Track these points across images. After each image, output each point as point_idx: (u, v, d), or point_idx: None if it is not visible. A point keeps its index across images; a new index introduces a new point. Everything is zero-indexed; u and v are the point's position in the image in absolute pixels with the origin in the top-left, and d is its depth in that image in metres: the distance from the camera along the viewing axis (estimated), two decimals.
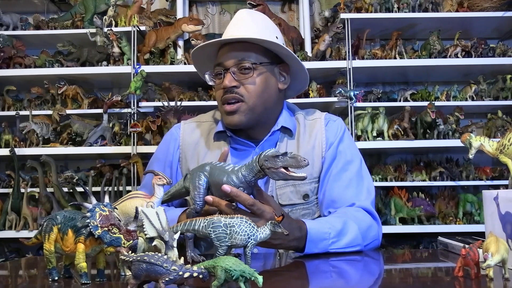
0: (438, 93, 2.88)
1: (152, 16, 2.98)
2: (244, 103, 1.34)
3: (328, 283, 0.92)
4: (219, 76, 1.37)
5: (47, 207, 2.75)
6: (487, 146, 1.05)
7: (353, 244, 1.23)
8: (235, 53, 1.35)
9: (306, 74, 1.44)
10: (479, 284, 0.81)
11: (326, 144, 1.40)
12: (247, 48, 1.35)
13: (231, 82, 1.33)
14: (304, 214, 1.38)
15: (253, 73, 1.34)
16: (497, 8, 2.82)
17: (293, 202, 1.36)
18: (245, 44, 1.35)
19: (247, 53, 1.34)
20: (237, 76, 1.34)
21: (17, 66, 2.89)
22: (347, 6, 2.84)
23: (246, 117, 1.35)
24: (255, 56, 1.35)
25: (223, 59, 1.36)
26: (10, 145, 2.79)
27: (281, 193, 1.36)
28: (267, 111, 1.39)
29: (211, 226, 0.91)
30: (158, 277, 0.71)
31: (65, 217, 0.85)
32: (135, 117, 2.79)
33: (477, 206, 2.70)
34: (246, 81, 1.34)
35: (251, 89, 1.34)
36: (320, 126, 1.43)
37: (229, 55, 1.35)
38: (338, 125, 1.45)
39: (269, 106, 1.39)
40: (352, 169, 1.39)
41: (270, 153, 1.00)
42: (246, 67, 1.33)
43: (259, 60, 1.35)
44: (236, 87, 1.33)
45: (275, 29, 1.46)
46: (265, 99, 1.37)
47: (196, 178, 1.06)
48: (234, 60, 1.34)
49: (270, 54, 1.38)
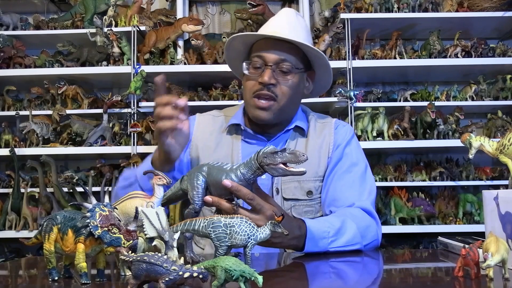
0: (438, 93, 2.88)
1: (152, 16, 2.98)
2: (276, 103, 1.38)
3: (328, 283, 0.92)
4: (258, 69, 1.39)
5: (47, 207, 2.75)
6: (487, 146, 1.05)
7: (352, 242, 1.24)
8: (279, 51, 1.37)
9: (329, 83, 1.52)
10: (479, 284, 0.81)
11: (334, 145, 1.45)
12: (290, 50, 1.38)
13: (270, 79, 1.36)
14: (307, 211, 1.40)
15: (291, 76, 1.38)
16: (497, 8, 2.82)
17: (297, 197, 1.40)
18: (290, 45, 1.38)
19: (289, 55, 1.38)
20: (276, 74, 1.37)
21: (17, 66, 2.89)
22: (347, 6, 2.84)
23: (274, 116, 1.40)
24: (295, 60, 1.39)
25: (265, 53, 1.38)
26: (10, 145, 2.79)
27: (285, 187, 1.40)
28: (290, 113, 1.45)
29: (211, 226, 0.91)
30: (158, 277, 0.71)
31: (65, 217, 0.85)
32: (135, 117, 2.79)
33: (477, 206, 2.70)
34: (283, 82, 1.38)
35: (285, 91, 1.38)
36: (330, 129, 1.48)
37: (273, 52, 1.37)
38: (347, 130, 1.50)
39: (293, 108, 1.46)
40: (356, 172, 1.42)
41: (269, 149, 1.00)
42: (286, 68, 1.37)
43: (297, 65, 1.40)
44: (273, 85, 1.37)
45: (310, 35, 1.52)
46: (293, 102, 1.43)
47: (194, 178, 1.06)
48: (276, 57, 1.37)
49: (305, 60, 1.43)
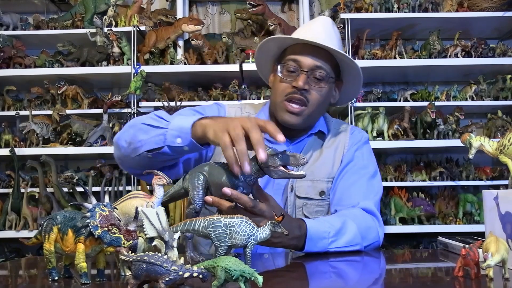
0: (438, 93, 2.88)
1: (152, 16, 2.98)
2: (307, 108, 1.39)
3: (328, 283, 0.92)
4: (291, 73, 1.39)
5: (47, 207, 2.75)
6: (487, 146, 1.05)
7: (352, 243, 1.24)
8: (315, 57, 1.38)
9: (356, 95, 1.56)
10: (479, 284, 0.81)
11: (347, 148, 1.48)
12: (326, 58, 1.39)
13: (305, 84, 1.37)
14: (318, 211, 1.42)
15: (324, 84, 1.39)
16: (497, 8, 2.82)
17: (309, 196, 1.41)
18: (325, 53, 1.39)
19: (325, 63, 1.39)
20: (309, 80, 1.38)
21: (17, 66, 2.90)
22: (347, 6, 2.84)
23: (303, 121, 1.41)
24: (329, 69, 1.40)
25: (301, 58, 1.38)
26: (10, 145, 2.79)
27: (298, 185, 1.41)
28: (316, 119, 1.48)
29: (211, 226, 0.91)
30: (158, 277, 0.71)
31: (65, 217, 0.85)
32: (135, 117, 2.79)
33: (477, 206, 2.70)
34: (315, 89, 1.39)
35: (317, 98, 1.40)
36: (346, 133, 1.52)
37: (309, 57, 1.38)
38: (362, 135, 1.53)
39: (319, 115, 1.49)
40: (364, 174, 1.44)
41: (269, 152, 1.00)
42: (320, 75, 1.38)
43: (330, 74, 1.41)
44: (306, 91, 1.38)
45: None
46: (321, 109, 1.46)
47: (195, 178, 1.06)
48: (312, 64, 1.38)
49: (337, 70, 1.45)
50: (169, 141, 1.15)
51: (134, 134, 1.22)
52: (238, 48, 2.90)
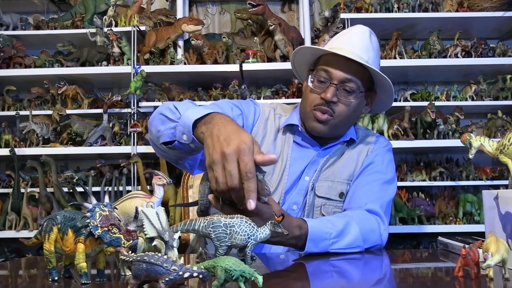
0: (438, 93, 2.88)
1: (152, 16, 2.98)
2: (333, 119, 1.40)
3: (329, 283, 0.92)
4: (322, 83, 1.39)
5: (47, 207, 2.75)
6: (487, 146, 1.05)
7: (354, 245, 1.24)
8: (346, 70, 1.37)
9: (388, 106, 1.54)
10: (479, 284, 0.81)
11: (369, 152, 1.49)
12: (357, 71, 1.38)
13: (333, 97, 1.37)
14: (335, 212, 1.42)
15: (353, 97, 1.39)
16: (497, 8, 2.82)
17: (329, 197, 1.42)
18: (357, 66, 1.38)
19: (355, 76, 1.38)
20: (339, 93, 1.38)
21: (17, 66, 2.90)
22: (347, 6, 2.84)
23: (330, 130, 1.43)
24: (360, 83, 1.40)
25: (332, 69, 1.38)
26: (10, 145, 2.79)
27: (320, 185, 1.42)
28: (346, 129, 1.49)
29: (211, 226, 0.91)
30: (158, 277, 0.71)
31: (65, 217, 0.85)
32: (135, 117, 2.79)
33: (477, 206, 2.70)
34: (344, 101, 1.39)
35: (344, 111, 1.40)
36: (371, 139, 1.53)
37: (340, 69, 1.37)
38: (386, 144, 1.55)
39: (349, 125, 1.50)
40: (380, 179, 1.44)
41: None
42: (350, 88, 1.38)
43: (361, 88, 1.40)
44: (334, 103, 1.38)
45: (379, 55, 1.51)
46: (349, 120, 1.46)
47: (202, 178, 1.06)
48: (342, 76, 1.37)
49: (369, 83, 1.44)
50: (178, 137, 1.12)
51: (157, 122, 1.20)
52: (238, 48, 2.90)
